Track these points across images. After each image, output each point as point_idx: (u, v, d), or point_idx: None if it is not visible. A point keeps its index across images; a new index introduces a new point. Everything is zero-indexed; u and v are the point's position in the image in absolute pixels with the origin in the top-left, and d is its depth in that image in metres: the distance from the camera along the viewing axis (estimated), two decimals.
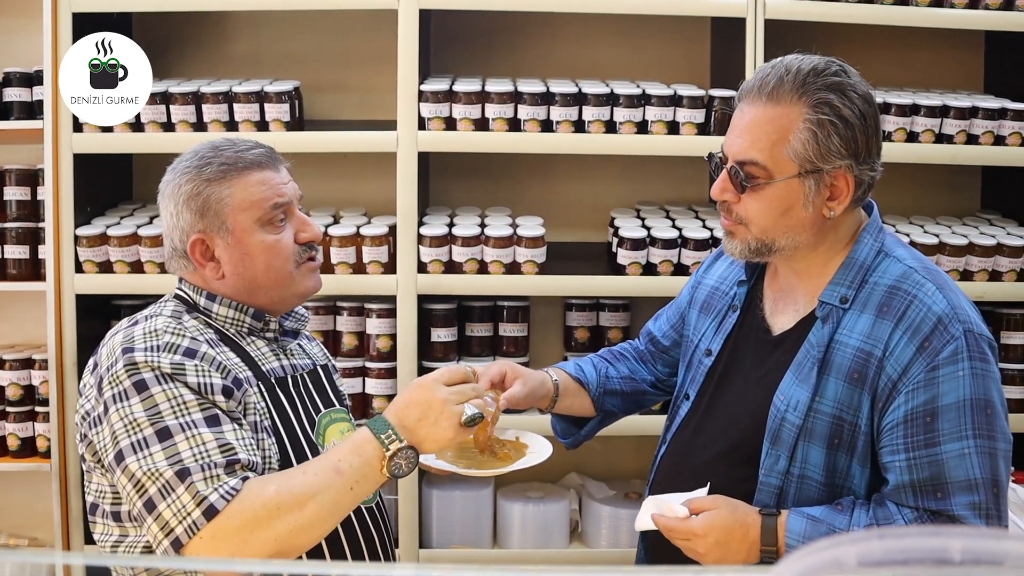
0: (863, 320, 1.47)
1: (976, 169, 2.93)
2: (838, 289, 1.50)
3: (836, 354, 1.47)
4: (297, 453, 1.54)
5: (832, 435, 1.46)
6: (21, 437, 2.65)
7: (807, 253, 1.52)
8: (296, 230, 1.58)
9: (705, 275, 1.78)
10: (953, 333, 1.41)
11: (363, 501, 1.59)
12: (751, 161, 1.47)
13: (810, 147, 1.44)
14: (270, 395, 1.54)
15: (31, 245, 2.65)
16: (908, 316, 1.43)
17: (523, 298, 2.66)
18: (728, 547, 1.43)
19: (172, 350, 1.44)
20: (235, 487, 1.34)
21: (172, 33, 2.81)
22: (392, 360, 2.54)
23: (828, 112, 1.44)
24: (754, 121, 1.48)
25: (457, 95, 2.50)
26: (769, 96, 1.46)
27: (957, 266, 2.57)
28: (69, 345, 2.51)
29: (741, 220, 1.51)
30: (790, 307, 1.57)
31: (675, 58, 2.87)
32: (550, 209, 2.77)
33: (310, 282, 1.61)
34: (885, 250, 1.52)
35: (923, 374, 1.40)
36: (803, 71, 1.45)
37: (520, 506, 2.60)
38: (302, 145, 2.49)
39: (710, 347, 1.65)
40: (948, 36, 2.84)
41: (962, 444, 1.38)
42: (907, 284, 1.47)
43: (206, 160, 1.55)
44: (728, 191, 1.51)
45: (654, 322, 1.91)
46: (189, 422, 1.38)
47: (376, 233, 2.50)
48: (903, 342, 1.42)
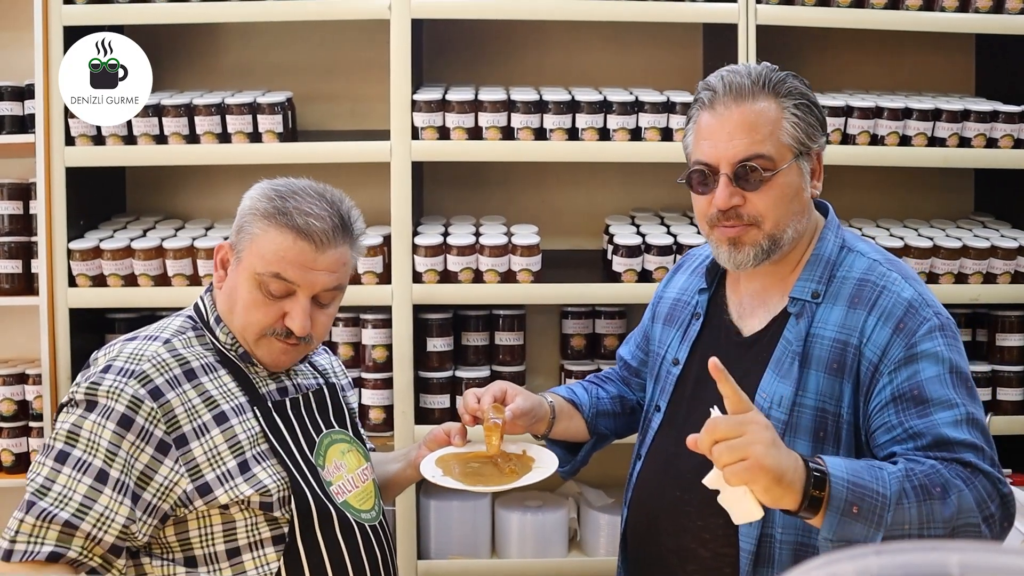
0: (836, 312, 1.49)
1: (969, 172, 2.93)
2: (808, 285, 1.53)
3: (814, 347, 1.49)
4: (298, 474, 1.53)
5: (817, 428, 1.47)
6: (15, 453, 2.63)
7: (788, 250, 1.55)
8: (286, 312, 1.52)
9: (665, 290, 1.80)
10: (924, 315, 1.46)
11: (366, 520, 1.59)
12: (757, 155, 1.49)
13: (800, 129, 1.52)
14: (266, 419, 1.54)
15: (24, 259, 2.63)
16: (880, 304, 1.47)
17: (519, 307, 2.65)
18: (778, 445, 1.27)
19: (143, 382, 1.46)
20: (39, 554, 1.38)
21: (164, 45, 2.80)
22: (388, 371, 2.54)
23: (800, 97, 1.53)
24: (744, 120, 1.50)
25: (450, 104, 2.49)
26: (749, 96, 1.50)
27: (951, 269, 2.57)
28: (63, 359, 2.50)
29: (753, 220, 1.51)
30: (759, 309, 1.59)
31: (667, 64, 2.87)
32: (545, 217, 2.76)
33: (268, 355, 1.56)
34: (847, 246, 1.57)
35: (902, 352, 1.43)
36: (760, 72, 1.53)
37: (518, 515, 2.59)
38: (295, 156, 2.49)
39: (677, 356, 1.66)
40: (939, 39, 2.85)
41: (953, 412, 1.40)
42: (874, 276, 1.51)
43: (279, 193, 1.53)
44: (736, 195, 1.51)
45: (624, 346, 1.92)
46: (85, 462, 1.42)
47: (370, 243, 2.49)
48: (878, 327, 1.46)
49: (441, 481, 1.62)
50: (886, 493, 1.29)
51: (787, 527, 1.46)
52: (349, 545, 1.54)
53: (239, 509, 1.47)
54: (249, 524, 1.48)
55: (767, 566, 1.47)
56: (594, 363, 2.68)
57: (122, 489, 1.41)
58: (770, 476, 1.24)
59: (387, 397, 2.55)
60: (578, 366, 2.65)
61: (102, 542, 1.40)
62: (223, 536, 1.47)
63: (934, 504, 1.31)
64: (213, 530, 1.47)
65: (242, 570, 1.48)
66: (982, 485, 1.35)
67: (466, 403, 1.70)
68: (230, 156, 2.51)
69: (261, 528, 1.48)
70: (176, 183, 2.83)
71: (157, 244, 2.50)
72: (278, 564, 1.48)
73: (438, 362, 2.58)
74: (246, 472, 1.48)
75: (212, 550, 1.47)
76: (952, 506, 1.31)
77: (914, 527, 1.30)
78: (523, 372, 2.66)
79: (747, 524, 1.39)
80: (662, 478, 1.60)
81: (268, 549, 1.48)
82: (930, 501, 1.31)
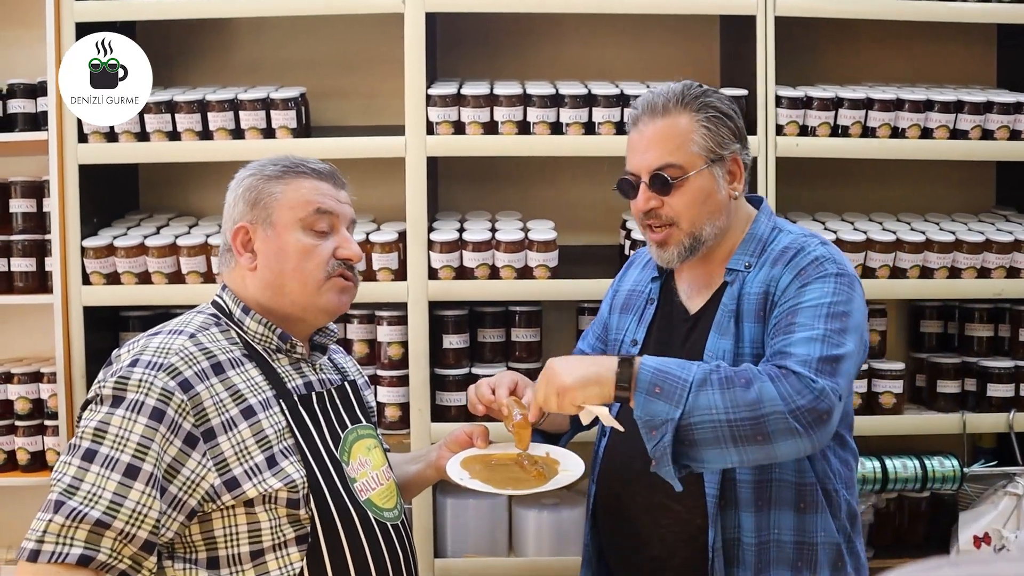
0: (762, 273, 1.71)
1: (990, 164, 2.89)
2: (742, 258, 1.74)
3: (744, 304, 1.70)
4: (321, 471, 1.52)
5: None
6: (31, 451, 2.62)
7: (721, 240, 1.74)
8: (337, 245, 1.60)
9: (620, 283, 1.96)
10: (827, 268, 1.65)
11: (388, 519, 1.58)
12: (668, 164, 1.70)
13: (709, 139, 1.71)
14: (292, 413, 1.53)
15: (38, 257, 2.62)
16: (795, 261, 1.68)
17: (535, 303, 2.62)
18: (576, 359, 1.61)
19: (172, 374, 1.45)
20: (68, 556, 1.34)
21: (176, 41, 2.79)
22: (404, 368, 2.52)
23: (711, 111, 1.72)
24: (656, 134, 1.72)
25: (465, 99, 2.47)
26: (662, 114, 1.72)
27: (975, 263, 2.54)
28: (77, 358, 2.49)
29: (671, 221, 1.71)
30: (703, 289, 1.78)
31: (684, 57, 2.84)
32: (561, 212, 2.74)
33: (335, 297, 1.60)
34: (779, 227, 1.78)
35: (795, 289, 1.64)
36: (677, 90, 1.74)
37: (535, 513, 2.57)
38: (309, 152, 2.42)
39: (635, 337, 1.82)
40: (960, 30, 2.81)
41: (811, 332, 1.57)
42: (796, 244, 1.72)
43: (272, 162, 1.64)
44: (653, 199, 1.72)
45: (582, 341, 2.03)
46: (113, 459, 1.40)
47: (385, 240, 2.47)
48: (786, 275, 1.67)
49: (470, 484, 1.61)
50: (688, 379, 1.50)
51: (746, 468, 1.62)
52: (372, 545, 1.53)
53: (264, 509, 1.46)
54: (274, 525, 1.46)
55: (732, 507, 1.65)
56: None
57: (154, 483, 1.39)
58: (578, 386, 1.53)
59: (403, 395, 2.53)
60: None
61: (135, 539, 1.37)
62: (248, 537, 1.46)
63: (736, 391, 1.49)
64: (238, 530, 1.46)
65: (265, 571, 1.46)
66: (790, 383, 1.50)
67: (480, 394, 1.76)
68: (243, 152, 2.48)
69: (285, 529, 1.47)
70: (189, 180, 2.81)
71: (171, 241, 2.49)
72: (301, 564, 1.47)
73: (454, 359, 2.56)
74: (274, 467, 1.47)
75: (236, 551, 1.46)
76: (754, 393, 1.48)
77: (720, 411, 1.48)
78: (539, 369, 2.62)
79: (711, 473, 1.63)
80: (630, 445, 1.69)
81: (291, 549, 1.47)
82: (732, 389, 1.49)
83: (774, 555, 1.65)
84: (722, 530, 1.65)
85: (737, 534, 1.65)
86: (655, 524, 1.71)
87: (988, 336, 2.68)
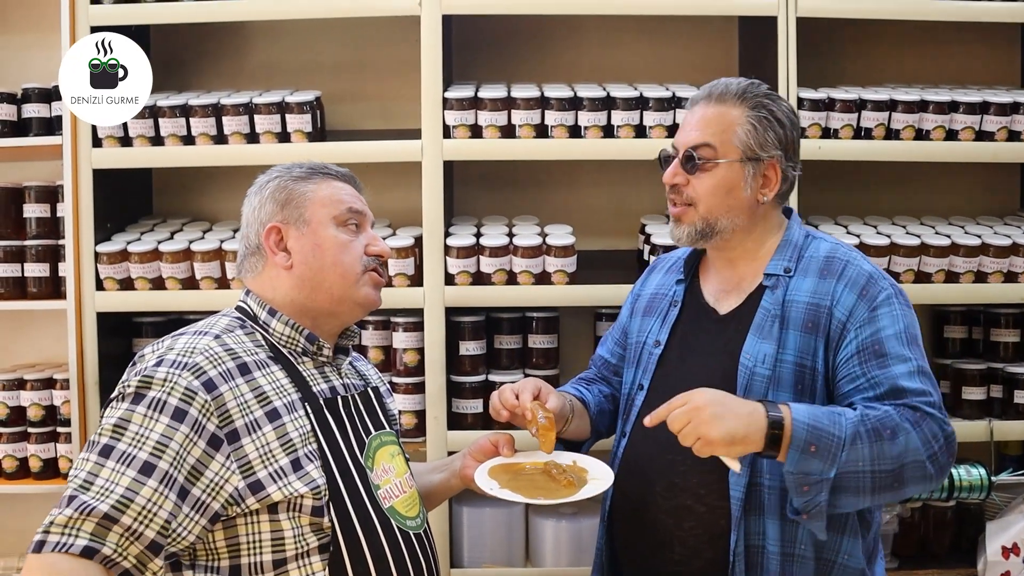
0: (807, 281, 1.72)
1: (1015, 167, 2.84)
2: (780, 263, 1.76)
3: (790, 311, 1.70)
4: (344, 476, 1.50)
5: (796, 381, 1.67)
6: (43, 459, 2.60)
7: (742, 238, 1.77)
8: (367, 243, 1.65)
9: (643, 287, 1.97)
10: (883, 285, 1.70)
11: (411, 527, 1.56)
12: (704, 144, 1.74)
13: (751, 137, 1.74)
14: (317, 416, 1.52)
15: (51, 263, 2.61)
16: (846, 274, 1.71)
17: (552, 309, 2.59)
18: (725, 404, 1.53)
19: (197, 374, 1.44)
20: (72, 547, 1.32)
21: (190, 45, 2.77)
22: (420, 375, 2.48)
23: (765, 112, 1.75)
24: (705, 116, 1.76)
25: (482, 102, 2.44)
26: (717, 99, 1.77)
27: (1001, 267, 2.49)
28: (91, 364, 2.47)
29: (691, 200, 1.75)
30: (733, 292, 1.79)
31: (703, 59, 2.80)
32: (579, 217, 2.70)
33: (372, 292, 1.64)
34: (812, 235, 1.82)
35: (866, 313, 1.66)
36: (742, 84, 1.78)
37: (552, 523, 2.53)
38: (325, 156, 2.41)
39: (658, 338, 1.83)
40: (983, 30, 2.77)
41: (908, 365, 1.63)
42: (839, 254, 1.75)
43: (296, 165, 1.67)
44: (679, 174, 1.76)
45: (601, 347, 2.04)
46: (129, 455, 1.38)
47: (402, 245, 2.44)
48: (846, 292, 1.69)
49: (500, 494, 1.60)
50: (842, 436, 1.53)
51: (773, 475, 1.63)
52: (395, 554, 1.52)
53: (288, 516, 1.44)
54: (296, 534, 1.45)
55: (757, 512, 1.65)
56: None
57: (169, 483, 1.37)
58: (724, 443, 1.50)
59: (419, 402, 2.50)
60: None
61: (141, 536, 1.35)
62: (271, 545, 1.44)
63: (884, 444, 1.53)
64: (261, 538, 1.44)
65: None
66: (928, 427, 1.57)
67: (503, 399, 1.75)
68: (258, 156, 2.47)
69: (308, 538, 1.45)
70: (203, 184, 2.79)
71: (185, 247, 2.47)
72: (323, 574, 1.45)
73: (471, 366, 2.52)
74: (299, 470, 1.46)
75: (259, 559, 1.44)
76: (900, 446, 1.54)
77: (866, 463, 1.53)
78: (557, 376, 2.59)
79: (736, 475, 1.63)
80: (651, 447, 1.71)
81: (314, 559, 1.46)
82: (880, 442, 1.53)
83: (796, 569, 1.63)
84: (745, 535, 1.64)
85: (761, 541, 1.64)
86: (677, 527, 1.69)
87: (1015, 341, 2.63)
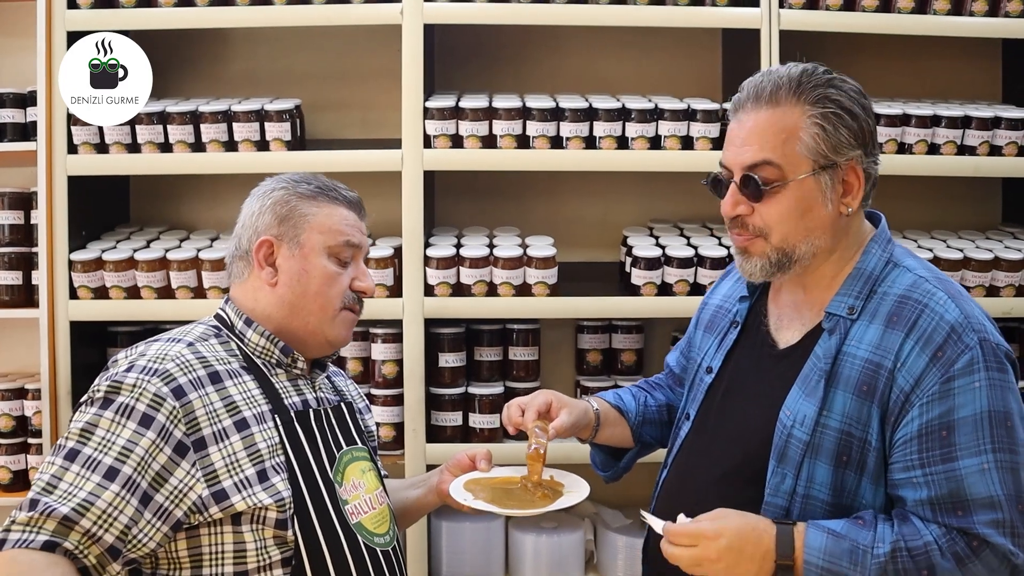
0: (872, 330, 1.41)
1: (996, 181, 2.85)
2: (845, 300, 1.45)
3: (844, 366, 1.41)
4: (311, 490, 1.49)
5: (840, 452, 1.40)
6: (13, 470, 2.55)
7: (821, 261, 1.48)
8: (354, 277, 1.61)
9: (711, 296, 1.76)
10: (968, 343, 1.36)
11: (379, 544, 1.54)
12: (764, 162, 1.43)
13: (821, 141, 1.42)
14: (287, 429, 1.51)
15: (24, 271, 2.56)
16: (920, 325, 1.38)
17: (533, 321, 2.57)
18: (742, 553, 1.33)
19: (166, 380, 1.43)
20: (33, 543, 1.31)
21: (169, 52, 2.73)
22: (398, 387, 2.45)
23: (831, 105, 1.43)
24: (758, 126, 1.44)
25: (464, 112, 2.42)
26: (768, 101, 1.44)
27: (983, 281, 2.49)
28: (63, 374, 2.43)
29: (760, 232, 1.46)
30: (796, 321, 1.52)
31: (686, 72, 2.80)
32: (560, 228, 2.69)
33: (344, 332, 1.62)
34: (894, 260, 1.48)
35: (938, 386, 1.35)
36: (795, 75, 1.45)
37: (533, 537, 2.50)
38: (304, 165, 2.41)
39: (711, 364, 1.61)
40: (965, 45, 2.78)
41: (981, 459, 1.32)
42: (917, 293, 1.42)
43: (305, 179, 1.63)
44: (741, 203, 1.46)
45: (672, 352, 1.89)
46: (94, 460, 1.37)
47: (381, 255, 2.42)
48: (915, 352, 1.37)
49: (475, 504, 1.57)
50: None
51: None
52: (359, 569, 1.50)
53: (251, 528, 1.43)
54: (259, 546, 1.43)
55: None
56: (610, 379, 2.60)
57: (132, 488, 1.36)
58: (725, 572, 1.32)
59: (397, 414, 2.47)
60: (594, 382, 2.58)
61: (101, 540, 1.34)
62: (233, 557, 1.43)
63: None
64: (224, 548, 1.43)
65: None
66: (984, 563, 1.30)
67: (510, 415, 1.67)
68: (237, 165, 2.44)
69: (271, 551, 1.44)
70: (181, 192, 2.76)
71: (161, 255, 2.43)
72: None
73: (450, 378, 2.49)
74: (264, 481, 1.45)
75: (220, 570, 1.43)
76: None
77: None
78: (537, 388, 2.56)
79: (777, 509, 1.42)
80: (683, 489, 1.57)
81: (277, 571, 1.44)
82: None
83: None
84: None
85: None
86: None
87: None
